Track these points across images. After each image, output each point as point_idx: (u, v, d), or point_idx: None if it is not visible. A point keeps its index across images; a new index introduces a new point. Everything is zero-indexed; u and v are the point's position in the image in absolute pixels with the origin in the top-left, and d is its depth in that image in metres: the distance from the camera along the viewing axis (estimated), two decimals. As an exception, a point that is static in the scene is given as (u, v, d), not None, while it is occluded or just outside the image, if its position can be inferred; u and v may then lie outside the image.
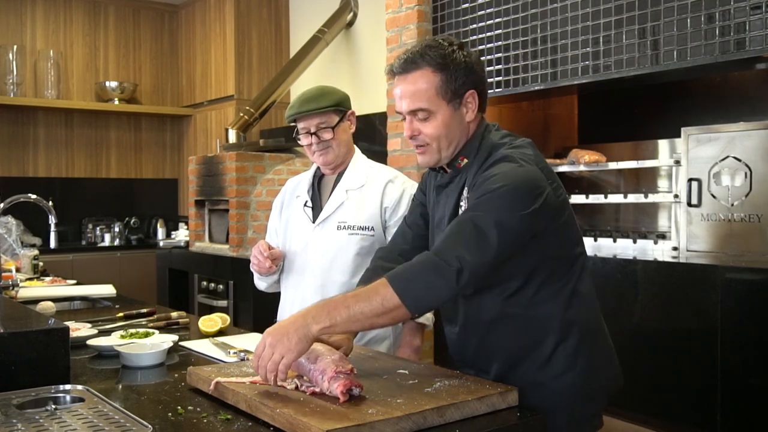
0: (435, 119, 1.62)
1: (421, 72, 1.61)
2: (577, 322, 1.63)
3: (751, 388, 2.55)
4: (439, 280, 1.45)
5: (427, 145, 1.65)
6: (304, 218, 2.34)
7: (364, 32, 5.19)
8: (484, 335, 1.67)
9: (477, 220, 1.49)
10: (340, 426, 1.28)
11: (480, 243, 1.46)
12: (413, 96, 1.61)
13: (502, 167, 1.56)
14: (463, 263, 1.44)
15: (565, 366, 1.61)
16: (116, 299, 3.12)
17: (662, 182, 3.71)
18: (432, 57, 1.60)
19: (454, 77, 1.60)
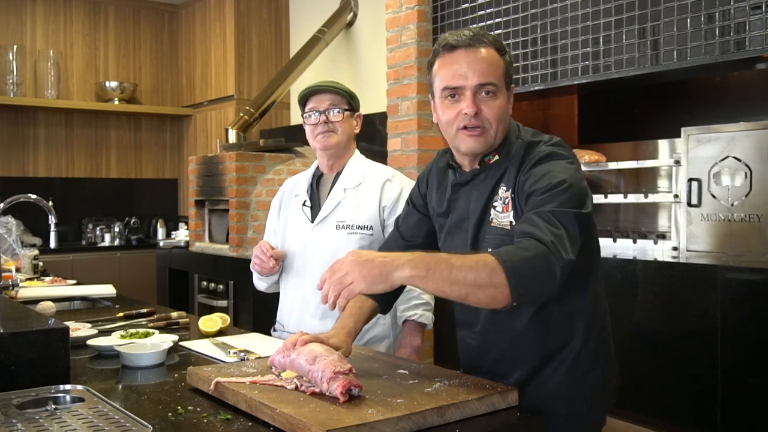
0: (498, 99, 1.58)
1: (489, 50, 1.57)
2: (597, 324, 1.64)
3: (751, 388, 2.55)
4: (548, 271, 1.36)
5: (484, 128, 1.57)
6: (303, 218, 2.34)
7: (364, 32, 5.19)
8: (510, 342, 1.63)
9: (559, 216, 1.42)
10: (340, 426, 1.28)
11: (570, 238, 1.40)
12: (485, 69, 1.55)
13: (557, 164, 1.53)
14: (565, 258, 1.38)
15: (585, 369, 1.61)
16: (116, 299, 3.12)
17: (662, 182, 3.71)
18: (494, 40, 1.59)
19: (509, 66, 1.61)
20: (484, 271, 1.33)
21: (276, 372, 1.64)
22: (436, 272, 1.34)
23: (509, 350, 1.63)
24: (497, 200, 1.60)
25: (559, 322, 1.60)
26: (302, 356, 1.56)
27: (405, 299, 2.25)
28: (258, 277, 2.41)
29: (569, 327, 1.61)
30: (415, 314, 2.25)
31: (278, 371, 1.63)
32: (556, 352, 1.61)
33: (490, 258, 1.36)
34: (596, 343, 1.63)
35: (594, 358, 1.62)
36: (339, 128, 2.25)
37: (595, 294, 1.65)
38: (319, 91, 2.25)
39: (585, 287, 1.61)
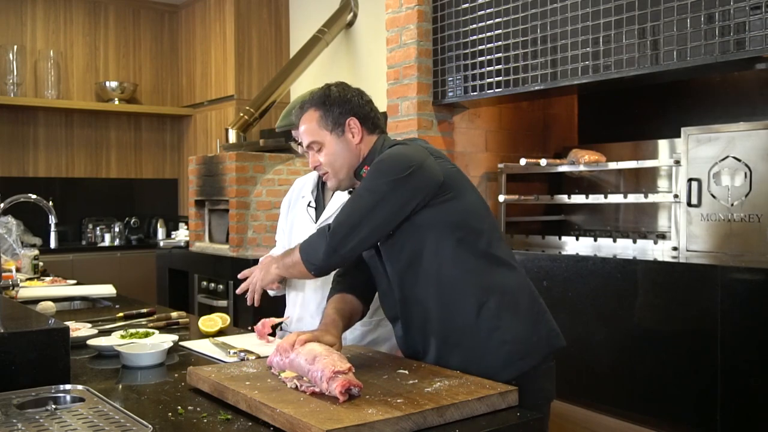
0: (325, 148, 1.90)
1: (307, 114, 1.93)
2: (496, 286, 1.77)
3: (751, 388, 2.55)
4: (321, 240, 1.77)
5: (326, 173, 1.93)
6: (307, 219, 2.34)
7: (364, 32, 5.19)
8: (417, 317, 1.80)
9: (357, 190, 1.81)
10: (340, 426, 1.28)
11: (354, 206, 1.76)
12: (306, 133, 1.92)
13: (384, 154, 1.83)
14: (335, 226, 1.75)
15: (490, 326, 1.74)
16: (116, 299, 3.12)
17: (662, 182, 3.71)
18: (313, 99, 1.93)
19: (330, 110, 1.89)
20: (291, 254, 1.88)
21: (276, 372, 1.64)
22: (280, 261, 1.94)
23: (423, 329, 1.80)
24: None
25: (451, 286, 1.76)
26: (302, 356, 1.56)
27: None
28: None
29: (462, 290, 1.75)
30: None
31: (278, 371, 1.63)
32: (456, 315, 1.76)
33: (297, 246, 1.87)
34: (496, 303, 1.75)
35: (497, 317, 1.75)
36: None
37: (487, 257, 1.78)
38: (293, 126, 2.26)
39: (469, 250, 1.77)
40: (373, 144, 1.92)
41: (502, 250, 1.84)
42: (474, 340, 1.75)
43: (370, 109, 1.96)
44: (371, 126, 1.93)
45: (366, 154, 1.90)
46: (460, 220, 1.77)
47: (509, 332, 1.75)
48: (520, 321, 1.78)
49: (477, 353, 1.74)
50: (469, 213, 1.80)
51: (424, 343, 1.80)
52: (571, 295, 3.07)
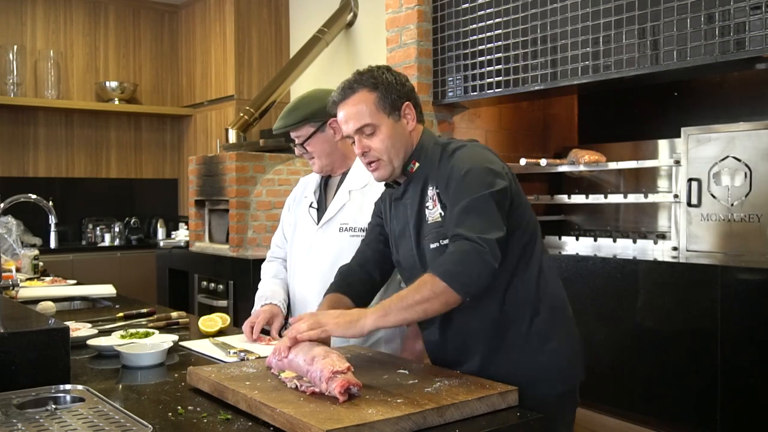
0: (380, 132, 1.76)
1: (359, 94, 1.77)
2: (546, 298, 1.74)
3: (751, 388, 2.55)
4: (478, 259, 1.55)
5: (379, 160, 1.78)
6: (309, 220, 2.34)
7: (364, 32, 5.19)
8: (465, 324, 1.74)
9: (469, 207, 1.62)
10: (340, 426, 1.28)
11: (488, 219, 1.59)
12: (357, 115, 1.76)
13: (466, 153, 1.73)
14: (489, 244, 1.56)
15: (543, 338, 1.72)
16: (116, 299, 3.12)
17: (662, 182, 3.71)
18: (365, 80, 1.77)
19: (388, 92, 1.76)
20: (425, 288, 1.56)
21: (275, 372, 1.64)
22: (392, 307, 1.58)
23: (466, 335, 1.75)
24: (427, 200, 1.77)
25: (505, 300, 1.71)
26: (300, 356, 1.56)
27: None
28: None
29: (515, 304, 1.71)
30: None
31: (278, 371, 1.63)
32: (508, 328, 1.72)
33: (427, 275, 1.58)
34: (549, 315, 1.73)
35: (549, 329, 1.73)
36: (316, 154, 2.28)
37: (540, 268, 1.76)
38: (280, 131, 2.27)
39: (527, 261, 1.74)
40: (421, 135, 1.82)
41: (549, 261, 1.80)
42: (524, 352, 1.71)
43: (416, 94, 1.85)
44: (419, 114, 1.83)
45: (416, 143, 1.81)
46: (523, 227, 1.72)
47: (560, 343, 1.73)
48: (568, 332, 1.77)
49: (526, 365, 1.70)
50: (528, 222, 1.75)
51: (464, 351, 1.76)
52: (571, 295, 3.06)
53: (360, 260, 1.99)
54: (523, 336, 1.71)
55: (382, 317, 1.58)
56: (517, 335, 1.71)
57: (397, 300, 1.58)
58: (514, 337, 1.71)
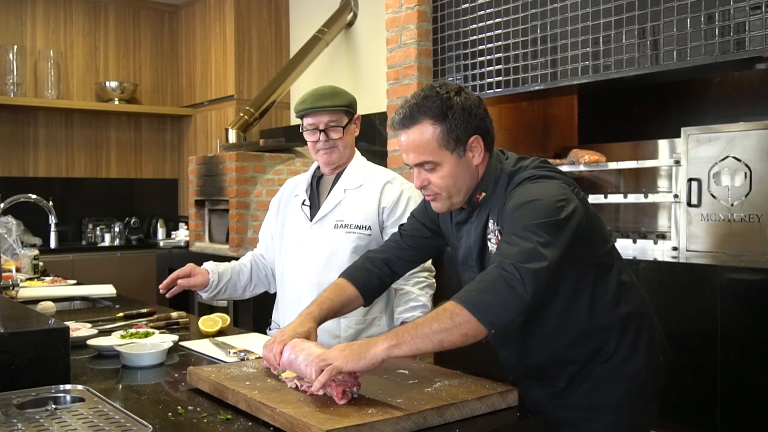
0: (441, 169, 1.62)
1: (421, 125, 1.60)
2: (632, 312, 1.68)
3: (751, 388, 2.55)
4: (507, 290, 1.42)
5: (437, 194, 1.65)
6: (302, 216, 2.34)
7: (364, 32, 5.19)
8: (547, 350, 1.68)
9: (520, 234, 1.48)
10: (340, 426, 1.28)
11: (531, 253, 1.44)
12: (417, 149, 1.61)
13: (527, 187, 1.58)
14: (523, 273, 1.42)
15: (628, 354, 1.66)
16: (116, 299, 3.12)
17: (662, 182, 3.71)
18: (430, 108, 1.60)
19: (454, 125, 1.60)
20: (445, 316, 1.42)
21: (275, 372, 1.64)
22: (405, 335, 1.44)
23: (550, 360, 1.69)
24: (490, 233, 1.66)
25: (588, 322, 1.64)
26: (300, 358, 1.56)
27: (403, 301, 2.25)
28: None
29: (600, 323, 1.65)
30: (412, 316, 2.24)
31: (278, 371, 1.63)
32: (595, 349, 1.65)
33: (448, 303, 1.44)
34: (634, 329, 1.68)
35: (634, 345, 1.67)
36: (340, 143, 2.24)
37: (619, 284, 1.68)
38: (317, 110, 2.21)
39: (606, 283, 1.66)
40: (488, 163, 1.67)
41: (627, 270, 1.73)
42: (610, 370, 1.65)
43: (490, 121, 1.68)
44: (490, 142, 1.67)
45: (481, 175, 1.67)
46: (596, 254, 1.64)
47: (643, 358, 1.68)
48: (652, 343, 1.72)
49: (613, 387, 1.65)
50: (603, 244, 1.67)
51: (549, 372, 1.70)
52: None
53: (390, 256, 1.90)
54: (609, 355, 1.65)
55: (395, 346, 1.43)
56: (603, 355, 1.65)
57: (413, 328, 1.45)
58: (600, 357, 1.65)
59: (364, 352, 1.44)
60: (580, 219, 1.54)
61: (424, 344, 1.42)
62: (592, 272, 1.63)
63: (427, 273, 2.30)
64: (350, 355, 1.45)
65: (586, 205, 1.64)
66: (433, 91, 1.63)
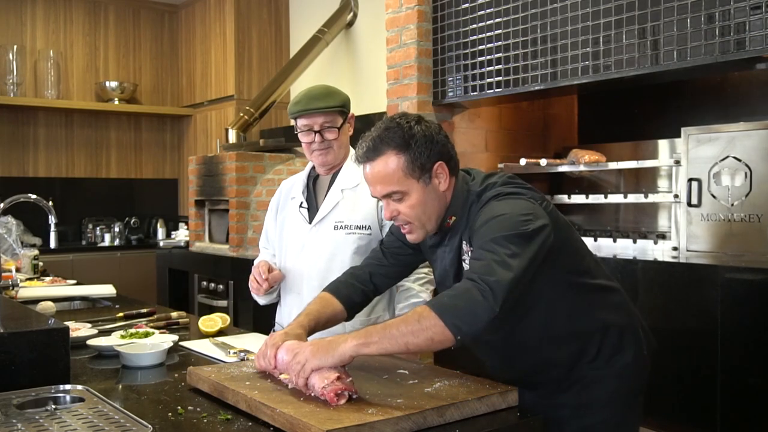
0: (410, 198, 1.64)
1: (385, 156, 1.63)
2: (612, 316, 1.72)
3: (751, 388, 2.55)
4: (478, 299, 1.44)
5: (410, 224, 1.68)
6: (300, 219, 2.33)
7: (364, 32, 5.19)
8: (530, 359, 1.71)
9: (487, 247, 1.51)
10: (340, 426, 1.28)
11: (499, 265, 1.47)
12: (383, 180, 1.64)
13: (492, 206, 1.62)
14: (492, 285, 1.44)
15: (612, 354, 1.69)
16: (116, 299, 3.12)
17: (662, 182, 3.71)
18: (392, 138, 1.62)
19: (417, 153, 1.62)
20: (413, 319, 1.45)
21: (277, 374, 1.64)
22: (374, 335, 1.47)
23: (534, 368, 1.72)
24: (464, 254, 1.68)
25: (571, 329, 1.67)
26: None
27: (403, 298, 2.25)
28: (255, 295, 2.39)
29: (582, 329, 1.68)
30: (413, 313, 2.25)
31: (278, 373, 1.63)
32: (578, 353, 1.68)
33: (419, 307, 1.49)
34: (617, 330, 1.71)
35: (618, 343, 1.70)
36: (335, 144, 2.24)
37: (597, 289, 1.72)
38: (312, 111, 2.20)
39: (584, 291, 1.69)
40: (454, 187, 1.70)
41: (604, 274, 1.77)
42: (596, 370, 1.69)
43: (452, 146, 1.70)
44: (454, 167, 1.70)
45: (450, 200, 1.69)
46: (568, 265, 1.66)
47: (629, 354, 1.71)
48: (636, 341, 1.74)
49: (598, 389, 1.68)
50: (574, 254, 1.70)
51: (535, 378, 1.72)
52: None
53: (373, 269, 1.94)
54: (593, 357, 1.68)
55: (363, 345, 1.47)
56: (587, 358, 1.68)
57: (382, 328, 1.49)
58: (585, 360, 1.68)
59: (332, 349, 1.48)
60: (547, 234, 1.57)
61: (391, 345, 1.46)
62: (567, 281, 1.66)
63: (427, 269, 2.29)
64: (318, 351, 1.49)
65: (555, 215, 1.66)
66: (393, 123, 1.66)
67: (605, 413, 1.68)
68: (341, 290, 1.90)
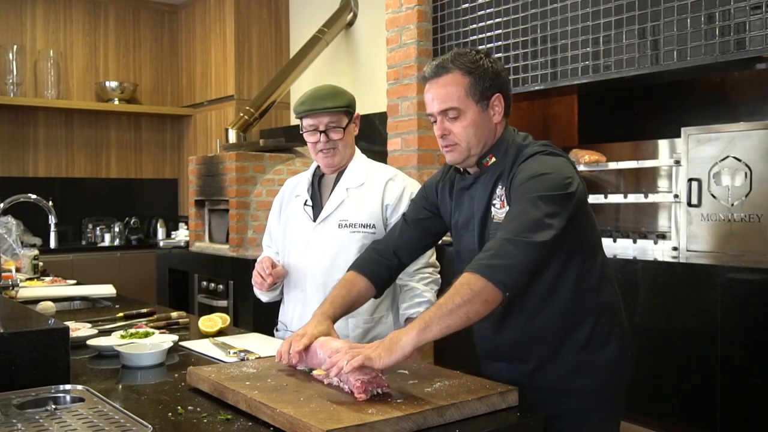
0: (465, 118, 1.71)
1: (451, 75, 1.71)
2: (608, 303, 1.76)
3: (751, 388, 2.55)
4: (515, 252, 1.50)
5: (456, 145, 1.73)
6: (305, 217, 2.33)
7: (364, 32, 5.19)
8: (524, 328, 1.73)
9: (531, 202, 1.57)
10: (340, 426, 1.28)
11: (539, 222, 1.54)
12: (445, 97, 1.71)
13: (539, 159, 1.67)
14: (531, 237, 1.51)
15: (599, 345, 1.72)
16: (116, 299, 3.12)
17: (662, 182, 3.71)
18: (461, 62, 1.71)
19: (481, 80, 1.70)
20: (463, 288, 1.48)
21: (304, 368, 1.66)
22: (432, 317, 1.48)
23: (524, 336, 1.73)
24: (495, 198, 1.73)
25: (569, 303, 1.70)
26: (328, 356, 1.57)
27: (408, 297, 2.25)
28: (259, 292, 2.39)
29: (579, 309, 1.71)
30: (417, 312, 2.25)
31: (308, 368, 1.65)
32: (570, 332, 1.71)
33: (462, 276, 1.52)
34: (608, 320, 1.74)
35: (607, 335, 1.74)
36: (340, 144, 2.24)
37: (601, 275, 1.75)
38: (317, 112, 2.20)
39: (591, 268, 1.73)
40: (504, 130, 1.77)
41: (608, 264, 1.81)
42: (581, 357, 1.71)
43: (510, 88, 1.80)
44: (509, 107, 1.77)
45: (497, 137, 1.75)
46: (587, 237, 1.72)
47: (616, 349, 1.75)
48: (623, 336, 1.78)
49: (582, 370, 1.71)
50: (591, 234, 1.74)
51: (521, 351, 1.74)
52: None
53: (396, 243, 1.94)
54: (583, 341, 1.71)
55: (424, 330, 1.47)
56: (577, 340, 1.71)
57: (437, 308, 1.48)
58: (574, 342, 1.71)
59: (394, 345, 1.48)
60: (581, 197, 1.65)
61: (453, 321, 1.47)
62: (581, 254, 1.70)
63: (431, 269, 2.30)
64: (382, 351, 1.48)
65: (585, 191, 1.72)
66: (464, 50, 1.76)
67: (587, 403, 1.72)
68: (366, 267, 1.91)
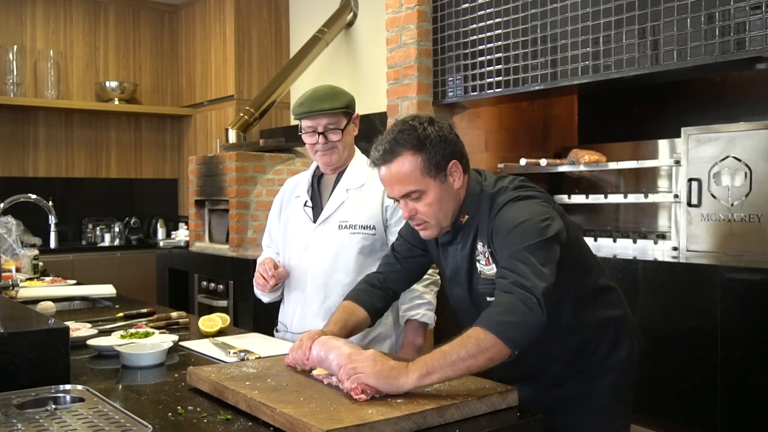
0: (427, 197, 1.68)
1: (401, 158, 1.67)
2: (610, 313, 1.81)
3: (751, 388, 2.55)
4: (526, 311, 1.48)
5: (426, 222, 1.72)
6: (305, 218, 2.33)
7: (364, 32, 5.19)
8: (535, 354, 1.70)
9: (519, 257, 1.55)
10: (340, 426, 1.28)
11: (535, 272, 1.52)
12: (401, 181, 1.67)
13: (512, 207, 1.66)
14: (536, 293, 1.49)
15: (610, 349, 1.79)
16: (116, 299, 3.12)
17: (662, 182, 3.71)
18: (407, 140, 1.66)
19: (433, 153, 1.66)
20: (470, 342, 1.47)
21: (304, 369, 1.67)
22: (434, 366, 1.47)
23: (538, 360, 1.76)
24: (478, 255, 1.73)
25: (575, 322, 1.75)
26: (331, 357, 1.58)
27: (407, 299, 2.25)
28: (260, 293, 2.39)
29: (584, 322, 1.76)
30: (417, 314, 2.25)
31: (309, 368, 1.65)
32: (580, 347, 1.77)
33: (471, 329, 1.50)
34: (613, 328, 1.80)
35: (615, 340, 1.79)
36: (339, 145, 2.24)
37: (599, 289, 1.80)
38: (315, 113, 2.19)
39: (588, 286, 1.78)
40: (468, 185, 1.74)
41: (605, 274, 1.84)
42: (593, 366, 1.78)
43: (463, 145, 1.75)
44: (466, 165, 1.74)
45: (463, 198, 1.74)
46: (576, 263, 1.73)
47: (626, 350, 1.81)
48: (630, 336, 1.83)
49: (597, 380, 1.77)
50: (580, 255, 1.77)
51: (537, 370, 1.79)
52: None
53: (387, 275, 1.98)
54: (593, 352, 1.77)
55: (425, 376, 1.46)
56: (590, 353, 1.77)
57: (440, 356, 1.48)
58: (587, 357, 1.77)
59: (393, 378, 1.46)
60: (563, 234, 1.64)
61: (453, 371, 1.47)
62: (574, 279, 1.72)
63: (431, 270, 2.30)
64: (380, 374, 1.46)
65: (564, 217, 1.72)
66: (407, 125, 1.70)
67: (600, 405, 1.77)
68: (362, 298, 1.93)
